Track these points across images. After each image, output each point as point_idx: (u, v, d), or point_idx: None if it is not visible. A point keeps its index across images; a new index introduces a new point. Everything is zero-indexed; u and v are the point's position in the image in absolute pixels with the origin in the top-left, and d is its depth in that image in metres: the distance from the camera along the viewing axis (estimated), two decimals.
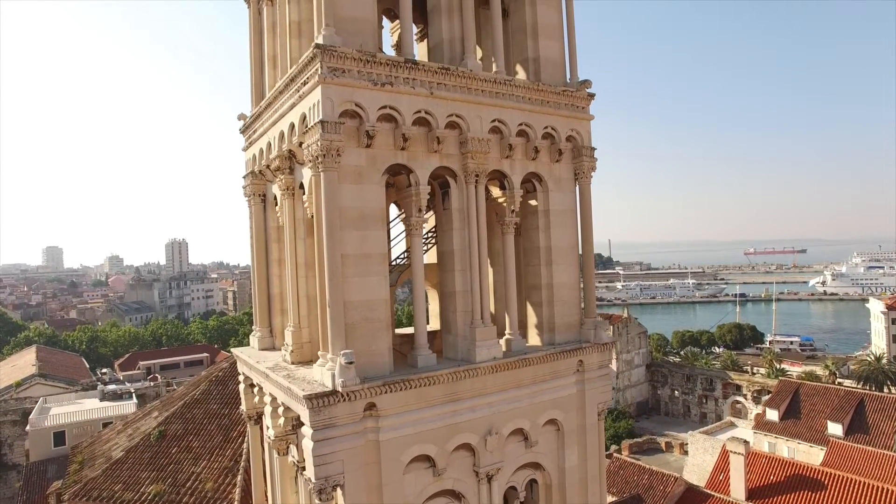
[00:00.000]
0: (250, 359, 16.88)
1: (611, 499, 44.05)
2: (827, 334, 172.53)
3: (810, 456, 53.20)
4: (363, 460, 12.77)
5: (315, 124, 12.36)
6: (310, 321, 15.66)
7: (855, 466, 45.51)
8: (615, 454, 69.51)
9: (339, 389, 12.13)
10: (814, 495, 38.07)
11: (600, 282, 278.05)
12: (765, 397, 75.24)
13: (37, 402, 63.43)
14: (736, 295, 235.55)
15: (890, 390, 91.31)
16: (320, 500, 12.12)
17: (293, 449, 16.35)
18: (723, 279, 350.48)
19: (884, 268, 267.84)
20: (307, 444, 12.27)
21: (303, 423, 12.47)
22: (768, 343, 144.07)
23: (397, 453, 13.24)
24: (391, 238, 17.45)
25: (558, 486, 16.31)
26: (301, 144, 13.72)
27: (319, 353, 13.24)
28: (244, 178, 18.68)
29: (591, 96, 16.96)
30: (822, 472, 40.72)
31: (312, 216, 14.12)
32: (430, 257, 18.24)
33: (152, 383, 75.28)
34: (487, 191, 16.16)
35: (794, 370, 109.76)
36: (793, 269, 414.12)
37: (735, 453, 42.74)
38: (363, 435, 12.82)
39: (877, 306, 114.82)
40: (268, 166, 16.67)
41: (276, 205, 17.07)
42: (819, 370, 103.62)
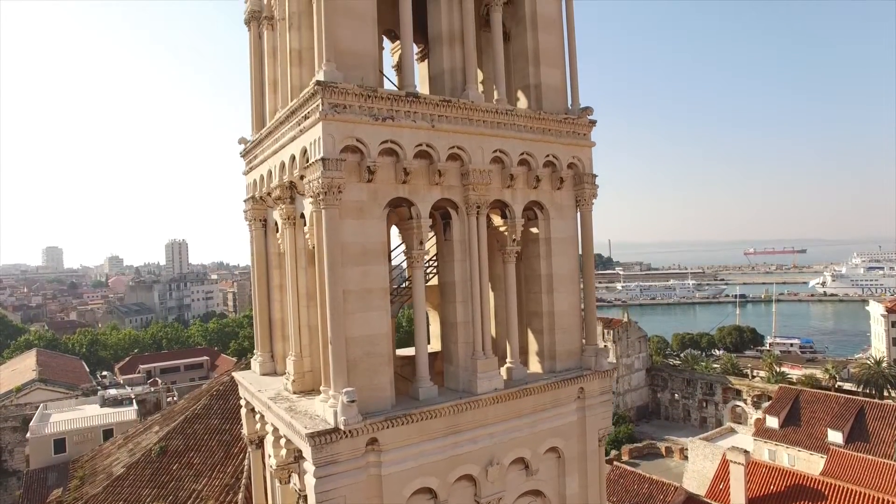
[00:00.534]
0: (252, 386, 16.87)
1: None
2: (827, 336, 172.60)
3: (810, 464, 53.28)
4: (365, 495, 12.77)
5: (316, 161, 12.36)
6: (311, 350, 15.64)
7: (855, 475, 45.59)
8: (615, 461, 69.65)
9: (342, 427, 12.12)
10: None
11: (600, 282, 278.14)
12: (765, 403, 75.31)
13: (37, 407, 63.46)
14: (736, 296, 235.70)
15: (890, 394, 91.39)
16: None
17: (295, 477, 16.35)
18: (723, 280, 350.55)
19: (884, 269, 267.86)
20: (309, 479, 12.29)
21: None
22: (768, 345, 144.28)
23: (399, 487, 13.25)
24: (391, 258, 17.46)
25: None
26: (302, 178, 13.71)
27: (322, 389, 13.23)
28: (245, 201, 18.66)
29: (593, 123, 16.95)
30: (822, 482, 40.78)
31: (314, 247, 14.12)
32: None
33: (153, 388, 75.26)
34: (489, 219, 16.15)
35: (795, 373, 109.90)
36: (793, 270, 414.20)
37: (735, 463, 42.79)
38: (365, 470, 12.82)
39: (877, 309, 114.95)
40: (268, 194, 16.66)
41: (277, 231, 17.05)
42: (819, 373, 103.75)
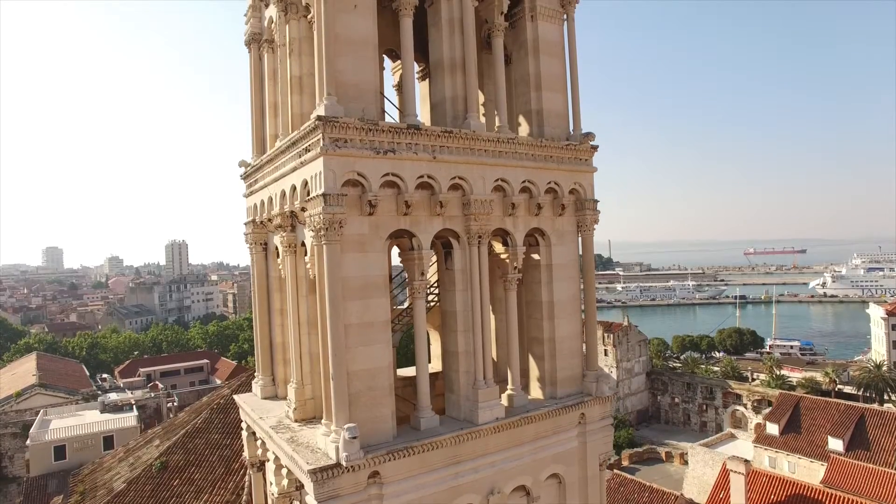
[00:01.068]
0: (253, 412, 16.84)
1: None
2: (827, 338, 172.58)
3: (811, 471, 53.28)
4: None
5: (317, 196, 12.32)
6: (312, 378, 15.61)
7: (856, 484, 45.57)
8: (615, 467, 69.68)
9: (344, 463, 12.10)
10: None
11: (600, 283, 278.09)
12: (765, 410, 75.32)
13: (37, 413, 63.52)
14: (736, 297, 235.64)
15: (890, 398, 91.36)
16: None
17: None
18: (723, 280, 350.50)
19: (884, 270, 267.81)
20: None
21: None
22: (768, 347, 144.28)
23: None
24: (392, 277, 17.42)
25: None
26: (303, 209, 13.67)
27: (324, 422, 13.20)
28: (245, 224, 18.63)
29: (594, 149, 16.92)
30: (823, 492, 40.75)
31: (314, 277, 14.08)
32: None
33: (153, 394, 75.34)
34: (490, 246, 16.11)
35: (795, 376, 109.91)
36: (793, 270, 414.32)
37: (736, 472, 42.75)
38: (367, 503, 12.81)
39: (877, 312, 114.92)
40: (269, 220, 16.62)
41: (278, 256, 17.02)
42: (819, 376, 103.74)
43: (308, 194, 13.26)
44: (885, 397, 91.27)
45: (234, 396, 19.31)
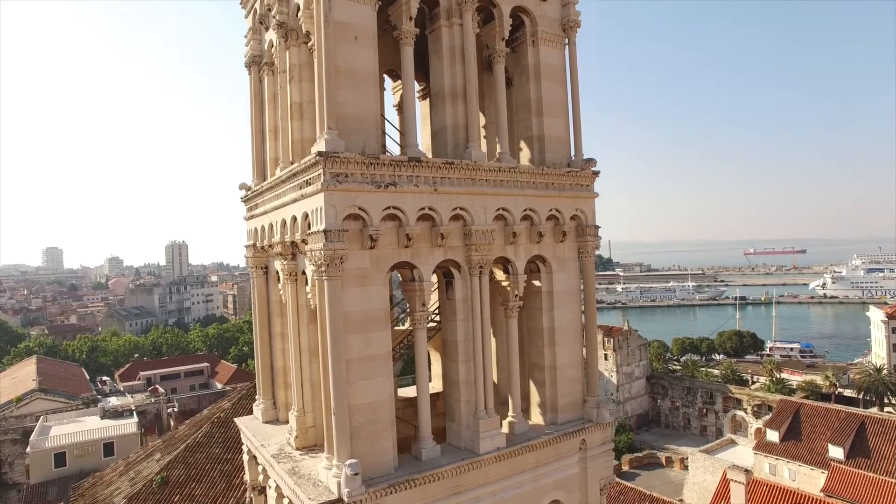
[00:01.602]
0: (255, 438, 16.82)
1: None
2: (827, 340, 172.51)
3: (811, 479, 53.27)
4: None
5: (318, 232, 12.29)
6: (314, 406, 15.61)
7: (856, 493, 45.57)
8: (616, 473, 69.70)
9: (346, 499, 12.08)
10: None
11: (600, 283, 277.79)
12: (765, 416, 75.25)
13: (37, 419, 63.51)
14: (736, 298, 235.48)
15: (890, 401, 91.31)
16: None
17: None
18: (723, 281, 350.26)
19: (884, 271, 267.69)
20: None
21: None
22: (768, 350, 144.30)
23: None
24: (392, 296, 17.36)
25: None
26: (304, 241, 13.64)
27: (325, 455, 13.17)
28: (246, 247, 18.60)
29: (596, 174, 16.89)
30: (824, 501, 40.80)
31: (315, 308, 14.05)
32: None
33: (153, 399, 75.28)
34: (491, 273, 16.08)
35: (795, 379, 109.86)
36: (793, 271, 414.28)
37: (736, 482, 42.76)
38: None
39: (877, 315, 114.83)
40: (270, 246, 16.60)
41: (279, 281, 16.99)
42: (819, 380, 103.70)
43: (309, 227, 13.23)
44: (886, 401, 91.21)
45: (236, 420, 19.29)
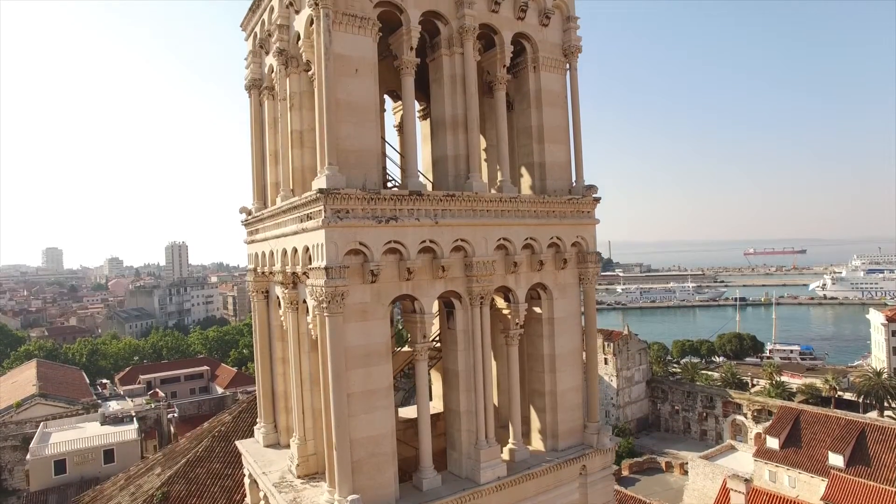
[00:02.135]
0: (256, 464, 16.80)
1: None
2: (826, 342, 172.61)
3: (811, 486, 53.30)
4: None
5: (319, 268, 12.27)
6: (315, 433, 15.60)
7: (856, 501, 45.59)
8: (616, 479, 69.69)
9: None
10: None
11: (600, 284, 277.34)
12: (765, 421, 75.28)
13: (37, 424, 63.55)
14: (736, 299, 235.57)
15: (890, 405, 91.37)
16: None
17: None
18: (723, 282, 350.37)
19: (884, 272, 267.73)
20: None
21: None
22: (768, 352, 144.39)
23: None
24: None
25: None
26: (305, 273, 13.63)
27: (326, 489, 13.17)
28: (247, 271, 18.60)
29: (597, 201, 16.87)
30: None
31: (316, 338, 14.04)
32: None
33: (153, 405, 75.27)
34: (492, 301, 16.07)
35: (795, 382, 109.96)
36: (792, 271, 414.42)
37: (736, 492, 42.81)
38: None
39: (877, 318, 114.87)
40: (270, 272, 16.59)
41: (279, 305, 16.98)
42: (819, 383, 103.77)
43: (310, 260, 13.22)
44: (886, 404, 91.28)
45: (237, 444, 19.28)
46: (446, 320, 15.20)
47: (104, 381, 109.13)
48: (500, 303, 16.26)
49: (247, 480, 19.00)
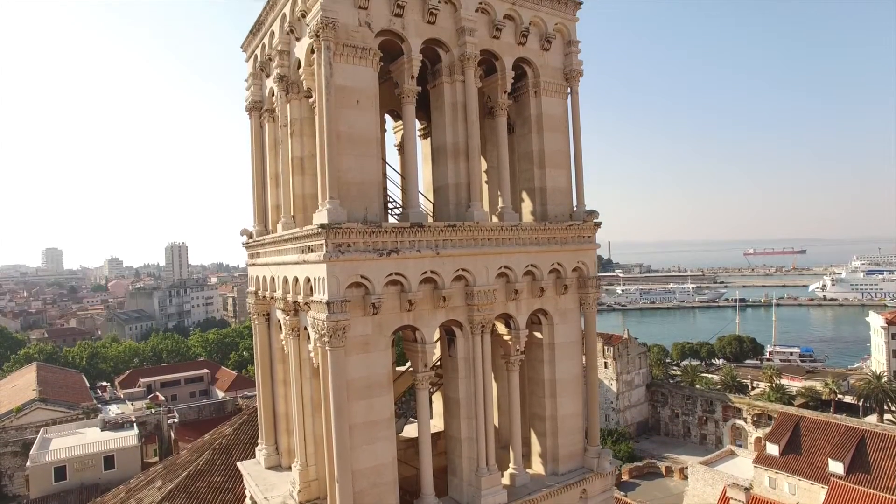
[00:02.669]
0: (258, 488, 16.82)
1: None
2: (826, 343, 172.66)
3: (811, 493, 53.33)
4: None
5: (321, 302, 12.29)
6: (317, 459, 15.61)
7: None
8: (616, 483, 69.72)
9: None
10: None
11: (599, 285, 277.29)
12: (765, 425, 75.31)
13: (37, 430, 63.57)
14: (735, 300, 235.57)
15: (890, 408, 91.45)
16: None
17: None
18: (722, 282, 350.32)
19: (883, 273, 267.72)
20: None
21: None
22: (768, 354, 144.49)
23: None
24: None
25: None
26: (307, 304, 13.64)
27: None
28: (248, 294, 18.61)
29: (598, 225, 16.89)
30: None
31: (318, 366, 14.05)
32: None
33: (153, 410, 75.32)
34: (493, 326, 16.09)
35: (795, 385, 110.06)
36: (792, 272, 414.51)
37: (736, 500, 42.88)
38: None
39: (877, 321, 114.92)
40: (271, 297, 16.60)
41: (281, 329, 16.99)
42: (819, 386, 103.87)
43: (311, 291, 13.24)
44: (886, 408, 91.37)
45: (239, 465, 19.31)
46: (447, 347, 15.23)
47: (104, 384, 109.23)
48: (501, 328, 16.29)
49: (248, 502, 19.04)
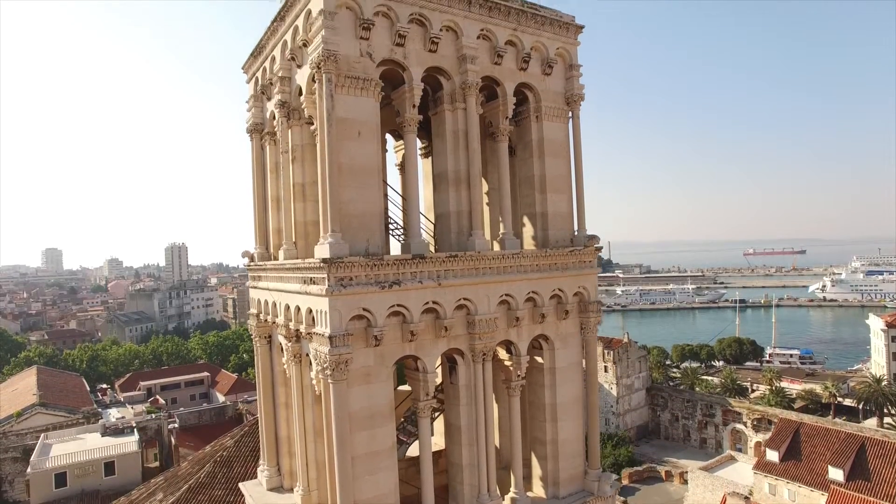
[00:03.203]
0: None
1: None
2: (826, 345, 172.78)
3: (811, 500, 53.37)
4: None
5: (323, 336, 12.32)
6: (319, 484, 15.65)
7: None
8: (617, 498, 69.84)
9: None
10: None
11: (599, 285, 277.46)
12: (765, 430, 75.34)
13: (37, 435, 63.58)
14: (735, 301, 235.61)
15: (890, 412, 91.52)
16: None
17: None
18: (722, 283, 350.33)
19: (883, 273, 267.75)
20: None
21: None
22: (768, 356, 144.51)
23: None
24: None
25: None
26: (308, 334, 13.66)
27: None
28: (250, 317, 18.64)
29: (599, 250, 16.92)
30: None
31: (320, 394, 14.09)
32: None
33: (153, 416, 75.30)
34: (494, 353, 16.12)
35: (795, 388, 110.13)
36: (792, 272, 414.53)
37: None
38: None
39: (877, 323, 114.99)
40: (273, 322, 16.63)
41: (282, 352, 17.03)
42: (819, 389, 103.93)
43: (313, 322, 13.26)
44: (885, 411, 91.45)
45: (241, 486, 19.38)
46: (449, 374, 15.26)
47: (104, 387, 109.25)
48: (503, 354, 16.32)
49: None
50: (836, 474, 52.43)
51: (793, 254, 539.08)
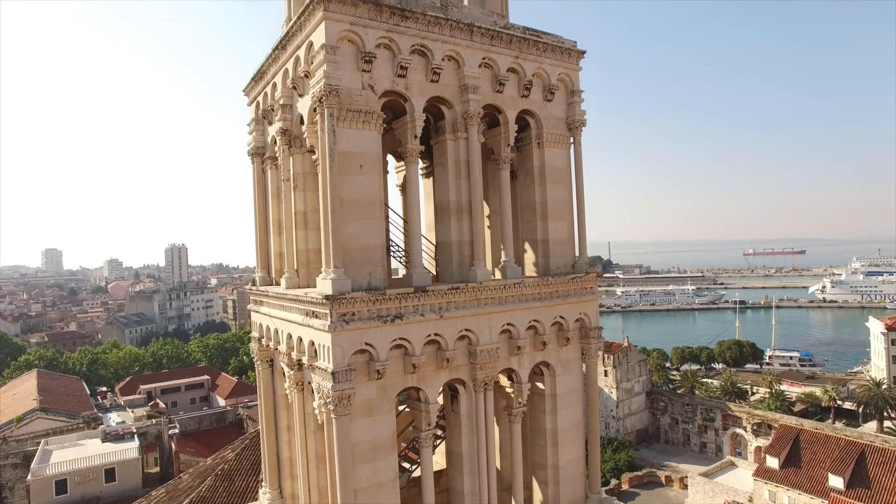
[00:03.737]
0: None
1: None
2: (826, 347, 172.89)
3: None
4: None
5: (326, 371, 12.36)
6: None
7: None
8: (616, 491, 69.85)
9: None
10: None
11: (599, 286, 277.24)
12: (765, 434, 75.45)
13: (38, 441, 63.66)
14: (735, 302, 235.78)
15: (890, 415, 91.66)
16: None
17: None
18: (722, 283, 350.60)
19: (883, 274, 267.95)
20: None
21: None
22: (768, 358, 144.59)
23: None
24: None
25: None
26: (311, 366, 13.70)
27: None
28: (252, 340, 18.68)
29: (599, 275, 16.96)
30: None
31: (322, 423, 14.13)
32: None
33: (154, 421, 75.35)
34: (496, 381, 16.16)
35: (794, 391, 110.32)
36: (792, 273, 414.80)
37: None
38: None
39: (877, 326, 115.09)
40: (275, 348, 16.67)
41: (284, 378, 17.07)
42: (819, 392, 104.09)
43: (315, 354, 13.30)
44: (885, 415, 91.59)
45: None
46: (451, 402, 15.30)
47: (104, 391, 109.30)
48: (504, 381, 16.37)
49: None
50: (836, 482, 52.56)
51: (793, 254, 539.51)
